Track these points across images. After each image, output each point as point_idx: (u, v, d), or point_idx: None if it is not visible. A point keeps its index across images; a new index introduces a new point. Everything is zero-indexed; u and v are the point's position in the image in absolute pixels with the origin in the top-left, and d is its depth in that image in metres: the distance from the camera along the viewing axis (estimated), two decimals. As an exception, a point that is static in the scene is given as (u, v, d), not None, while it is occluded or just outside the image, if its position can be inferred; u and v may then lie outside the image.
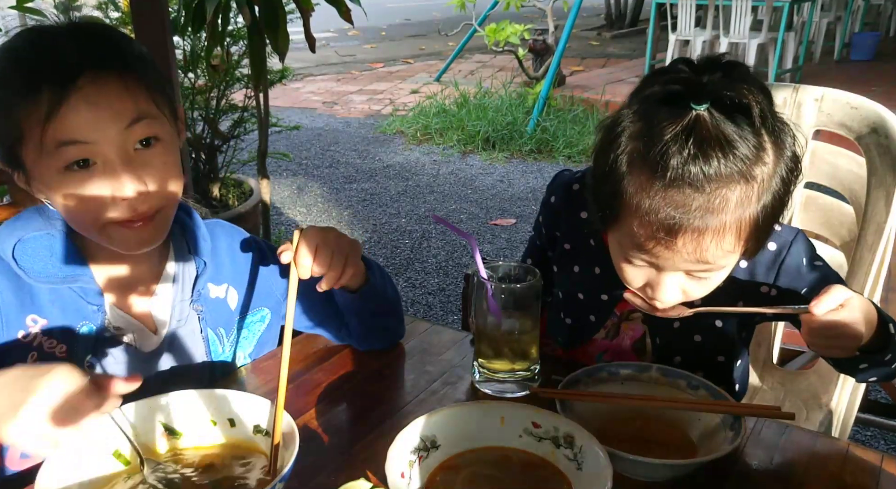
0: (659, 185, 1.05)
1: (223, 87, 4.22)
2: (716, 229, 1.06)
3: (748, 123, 1.05)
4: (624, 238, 1.16)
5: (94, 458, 1.08)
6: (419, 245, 4.62)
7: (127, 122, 1.16)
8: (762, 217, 1.09)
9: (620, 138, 1.11)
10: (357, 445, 1.21)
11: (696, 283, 1.18)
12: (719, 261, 1.12)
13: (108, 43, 1.20)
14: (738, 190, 1.05)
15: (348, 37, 13.66)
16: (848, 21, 9.90)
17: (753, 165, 1.05)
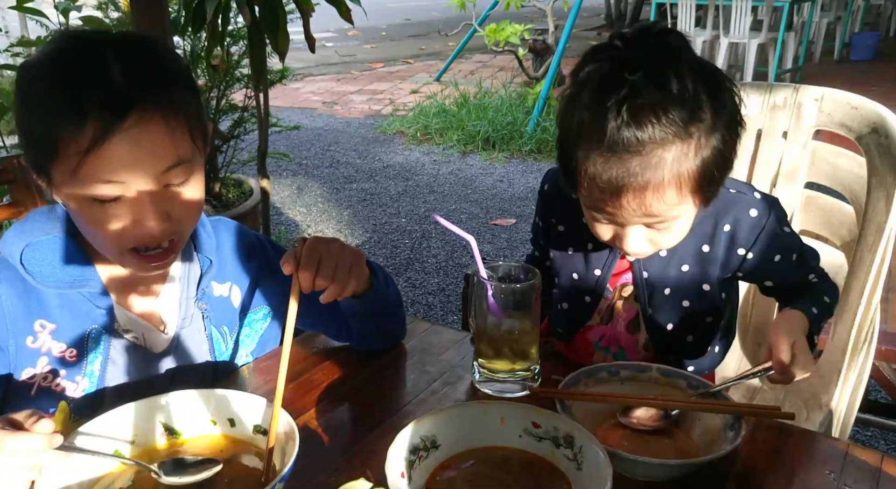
0: (599, 151, 1.15)
1: (223, 87, 4.21)
2: (655, 186, 1.15)
3: (680, 86, 1.12)
4: (583, 199, 1.27)
5: (94, 458, 1.08)
6: (419, 245, 4.62)
7: (165, 167, 1.15)
8: (703, 170, 1.16)
9: (572, 109, 1.21)
10: (357, 445, 1.21)
11: (659, 234, 1.27)
12: (667, 213, 1.20)
13: (158, 73, 1.17)
14: (673, 149, 1.13)
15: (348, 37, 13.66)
16: (848, 21, 9.89)
17: (689, 124, 1.13)
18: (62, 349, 1.27)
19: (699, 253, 1.41)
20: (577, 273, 1.51)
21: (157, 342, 1.35)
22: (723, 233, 1.39)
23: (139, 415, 1.14)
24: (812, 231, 1.82)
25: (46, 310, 1.26)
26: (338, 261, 1.26)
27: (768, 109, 1.81)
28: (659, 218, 1.21)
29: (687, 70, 1.13)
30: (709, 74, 1.17)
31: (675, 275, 1.42)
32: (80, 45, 1.16)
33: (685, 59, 1.15)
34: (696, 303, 1.44)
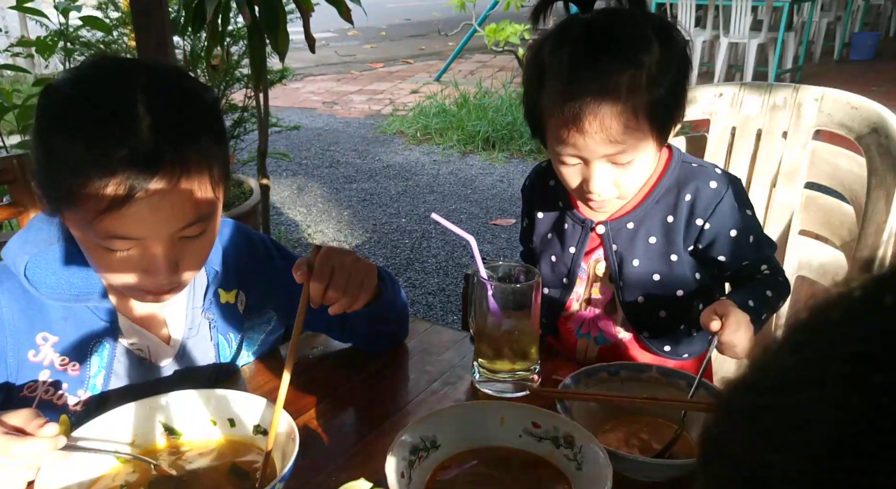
0: (562, 81, 1.27)
1: (223, 86, 4.21)
2: (614, 111, 1.24)
3: (630, 22, 1.29)
4: (552, 139, 1.34)
5: (93, 458, 1.08)
6: (419, 245, 4.62)
7: (184, 225, 1.13)
8: (657, 100, 1.27)
9: (533, 61, 1.34)
10: (357, 445, 1.21)
11: (624, 173, 1.33)
12: (628, 140, 1.28)
13: (187, 124, 1.12)
14: (626, 75, 1.24)
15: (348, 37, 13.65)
16: (848, 21, 9.89)
17: (640, 54, 1.25)
18: (64, 361, 1.26)
19: (664, 224, 1.45)
20: (554, 255, 1.56)
21: (161, 353, 1.34)
22: (684, 202, 1.43)
23: (139, 416, 1.14)
24: (812, 231, 1.82)
25: (49, 322, 1.25)
26: (351, 274, 1.25)
27: (768, 109, 1.81)
28: (621, 146, 1.28)
29: (635, 9, 1.30)
30: (656, 17, 1.34)
31: (642, 247, 1.46)
32: (109, 87, 1.10)
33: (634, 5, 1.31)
34: (666, 275, 1.47)
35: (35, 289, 1.22)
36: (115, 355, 1.29)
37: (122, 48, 4.12)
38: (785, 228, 1.81)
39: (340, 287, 1.23)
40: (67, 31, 3.58)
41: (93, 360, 1.27)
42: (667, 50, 1.28)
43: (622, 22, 1.29)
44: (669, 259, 1.46)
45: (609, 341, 1.54)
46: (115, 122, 1.06)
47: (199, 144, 1.11)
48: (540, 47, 1.34)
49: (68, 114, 1.09)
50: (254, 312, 1.45)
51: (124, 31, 4.09)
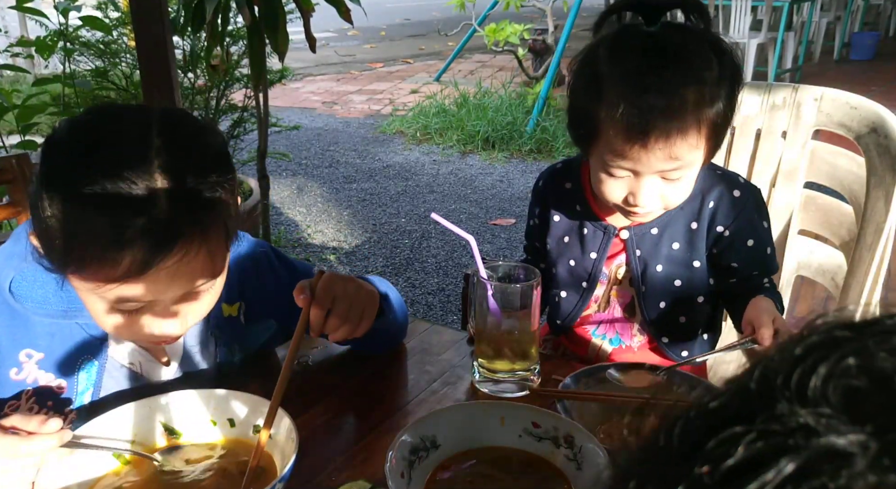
0: (629, 95, 1.24)
1: (223, 87, 4.21)
2: (680, 127, 1.24)
3: (692, 37, 1.29)
4: (605, 151, 1.31)
5: (94, 458, 1.08)
6: (419, 245, 4.62)
7: (193, 287, 1.09)
8: (716, 117, 1.27)
9: (588, 69, 1.32)
10: (357, 445, 1.21)
11: (671, 187, 1.33)
12: (686, 156, 1.27)
13: (204, 186, 1.04)
14: (693, 91, 1.24)
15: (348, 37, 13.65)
16: (847, 21, 9.89)
17: (702, 71, 1.25)
18: (50, 379, 1.22)
19: (688, 230, 1.46)
20: (573, 259, 1.55)
21: (156, 372, 1.32)
22: (707, 209, 1.44)
23: (139, 416, 1.14)
24: (811, 231, 1.82)
25: (34, 337, 1.20)
26: (353, 302, 1.24)
27: (768, 109, 1.81)
28: (678, 163, 1.28)
29: (696, 28, 1.31)
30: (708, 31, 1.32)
31: (666, 253, 1.46)
32: (120, 148, 1.01)
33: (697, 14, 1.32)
34: (688, 281, 1.48)
35: (20, 306, 1.17)
36: (104, 371, 1.25)
37: (121, 48, 4.12)
38: (784, 228, 1.81)
39: (342, 315, 1.22)
40: (67, 31, 3.58)
41: (80, 377, 1.24)
42: (721, 64, 1.27)
43: (685, 36, 1.28)
44: (692, 265, 1.47)
45: (624, 343, 1.55)
46: (131, 190, 0.98)
47: (216, 206, 1.06)
48: (593, 56, 1.32)
49: (77, 177, 0.99)
50: (255, 320, 1.43)
51: (124, 31, 4.09)
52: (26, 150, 2.72)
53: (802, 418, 0.31)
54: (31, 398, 1.21)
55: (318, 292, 1.21)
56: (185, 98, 4.00)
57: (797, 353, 0.34)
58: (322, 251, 4.57)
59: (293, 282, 1.26)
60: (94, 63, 4.11)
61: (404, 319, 1.49)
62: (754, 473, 0.30)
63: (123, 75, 4.10)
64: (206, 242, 1.05)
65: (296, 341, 1.20)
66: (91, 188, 0.98)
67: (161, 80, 2.47)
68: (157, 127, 1.03)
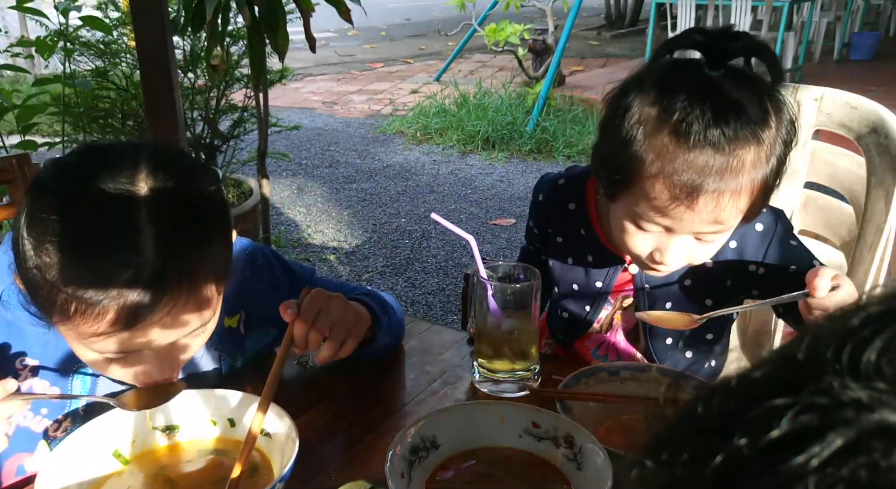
0: (681, 148, 1.10)
1: (223, 87, 4.21)
2: (734, 190, 1.11)
3: (754, 90, 1.12)
4: (639, 203, 1.18)
5: (94, 458, 1.08)
6: (419, 245, 4.62)
7: (181, 335, 1.06)
8: (770, 178, 1.15)
9: (632, 108, 1.15)
10: (357, 445, 1.21)
11: (702, 247, 1.23)
12: (730, 221, 1.17)
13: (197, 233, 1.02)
14: (752, 151, 1.10)
15: (348, 37, 13.65)
16: (847, 21, 9.88)
17: (762, 129, 1.11)
18: (44, 387, 1.20)
19: (701, 267, 1.35)
20: (577, 284, 1.50)
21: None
22: (728, 249, 1.36)
23: (139, 415, 1.14)
24: (812, 231, 1.82)
25: (28, 345, 1.19)
26: (337, 318, 1.24)
27: (768, 109, 1.81)
28: (720, 227, 1.17)
29: (759, 80, 1.15)
30: (766, 83, 1.17)
31: (676, 290, 1.41)
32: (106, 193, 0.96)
33: (765, 61, 1.16)
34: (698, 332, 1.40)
35: (12, 315, 1.15)
36: (99, 378, 1.24)
37: (121, 48, 4.12)
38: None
39: (323, 330, 1.21)
40: (67, 31, 3.58)
41: (75, 384, 1.23)
42: (779, 122, 1.15)
43: (748, 88, 1.12)
44: (704, 302, 1.40)
45: None
46: (116, 239, 0.95)
47: (206, 254, 1.03)
48: (638, 92, 1.16)
49: (60, 228, 0.96)
50: (254, 328, 1.42)
51: (124, 31, 4.09)
52: (26, 150, 2.72)
53: (854, 392, 0.29)
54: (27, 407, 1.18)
55: (303, 307, 1.21)
56: (185, 98, 4.00)
57: (852, 325, 0.32)
58: (322, 251, 4.56)
59: (294, 287, 1.26)
60: (95, 63, 4.11)
61: (400, 331, 1.48)
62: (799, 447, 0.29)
63: (123, 75, 4.10)
64: (195, 293, 1.01)
65: (281, 356, 1.19)
66: (76, 239, 0.95)
67: (161, 80, 2.47)
68: (145, 171, 0.98)
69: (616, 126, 1.17)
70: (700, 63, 1.13)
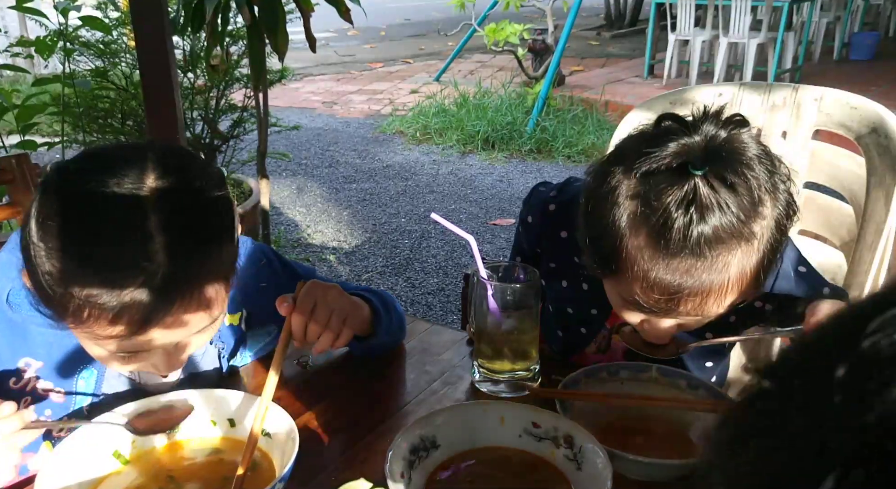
0: (661, 253, 1.04)
1: (222, 87, 4.22)
2: (718, 289, 1.07)
3: (745, 182, 1.03)
4: (623, 291, 1.15)
5: (94, 459, 1.08)
6: (419, 245, 4.62)
7: (191, 333, 1.07)
8: (763, 263, 1.09)
9: (617, 193, 1.08)
10: (357, 445, 1.21)
11: (693, 322, 1.20)
12: (719, 311, 1.13)
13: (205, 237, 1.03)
14: (738, 251, 1.05)
15: (348, 37, 13.65)
16: (847, 21, 9.88)
17: (752, 224, 1.04)
18: (48, 387, 1.21)
19: None
20: (571, 308, 1.48)
21: (156, 380, 1.30)
22: None
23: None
24: (811, 231, 1.82)
25: (32, 346, 1.19)
26: (333, 308, 1.23)
27: (767, 109, 1.81)
28: (707, 318, 1.15)
29: (752, 164, 1.04)
30: (765, 158, 1.08)
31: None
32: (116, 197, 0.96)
33: (749, 149, 1.06)
34: (698, 350, 1.39)
35: (17, 315, 1.16)
36: (103, 379, 1.25)
37: (121, 48, 4.12)
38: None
39: (322, 321, 1.22)
40: (67, 31, 3.58)
41: (79, 385, 1.23)
42: (775, 203, 1.07)
43: (742, 178, 1.03)
44: (704, 336, 1.37)
45: None
46: (128, 245, 0.96)
47: (215, 257, 1.04)
48: (622, 173, 1.09)
49: (71, 231, 0.97)
50: (256, 325, 1.43)
51: (124, 31, 4.09)
52: (26, 150, 2.72)
53: None
54: (31, 408, 1.20)
55: (298, 299, 1.21)
56: (184, 98, 4.00)
57: None
58: (322, 251, 4.57)
59: (294, 286, 1.26)
60: (94, 63, 4.11)
61: (401, 328, 1.48)
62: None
63: (123, 75, 4.11)
64: (205, 294, 1.03)
65: (280, 351, 1.19)
66: (86, 246, 0.97)
67: (161, 80, 2.47)
68: (154, 175, 0.99)
69: (601, 208, 1.11)
70: (684, 161, 1.03)
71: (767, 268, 1.10)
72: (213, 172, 1.08)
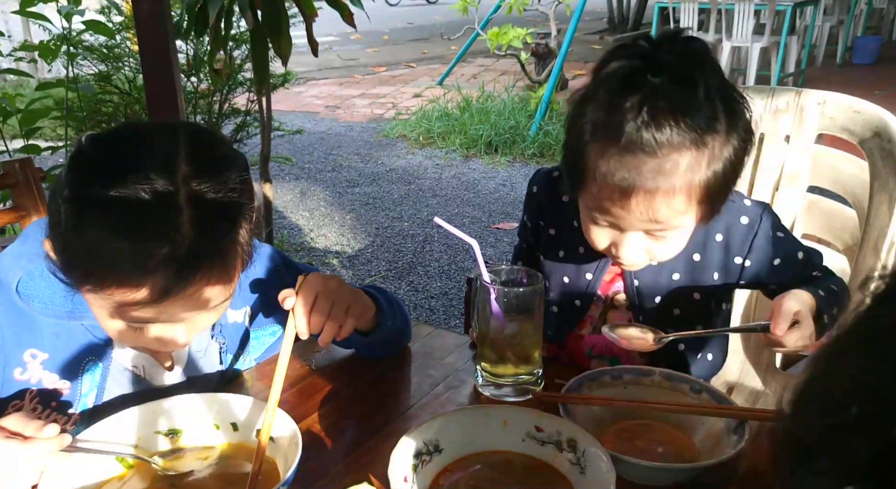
0: (615, 150, 1.15)
1: (226, 91, 4.23)
2: (666, 191, 1.15)
3: (703, 94, 1.14)
4: (588, 200, 1.26)
5: (96, 463, 1.08)
6: (422, 248, 4.62)
7: (206, 308, 1.10)
8: (713, 182, 1.17)
9: (586, 109, 1.20)
10: (360, 449, 1.21)
11: (658, 244, 1.27)
12: (671, 221, 1.21)
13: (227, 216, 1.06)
14: (688, 155, 1.14)
15: (351, 41, 13.66)
16: (850, 25, 9.88)
17: (705, 134, 1.14)
18: (54, 380, 1.22)
19: (689, 261, 1.41)
20: (567, 277, 1.51)
21: (160, 377, 1.32)
22: (714, 242, 1.40)
23: (142, 420, 1.14)
24: (814, 235, 1.82)
25: (39, 338, 1.20)
26: (335, 299, 1.24)
27: (771, 113, 1.81)
28: (661, 225, 1.21)
29: (709, 78, 1.15)
30: (726, 86, 1.19)
31: (665, 284, 1.43)
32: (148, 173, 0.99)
33: (708, 66, 1.17)
34: (687, 311, 1.44)
35: (27, 305, 1.17)
36: (108, 373, 1.26)
37: (124, 52, 4.13)
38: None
39: (324, 311, 1.22)
40: (70, 36, 3.59)
41: (84, 378, 1.24)
42: (732, 124, 1.17)
43: (694, 92, 1.14)
44: (692, 296, 1.43)
45: (623, 364, 1.51)
46: (157, 215, 0.99)
47: (236, 234, 1.08)
48: (591, 97, 1.21)
49: (105, 200, 0.99)
50: (259, 324, 1.44)
51: (127, 35, 4.10)
52: (29, 155, 2.72)
53: None
54: (35, 398, 1.21)
55: (300, 292, 1.22)
56: (188, 102, 4.01)
57: None
58: (325, 255, 4.57)
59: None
60: (98, 67, 4.12)
61: (405, 324, 1.49)
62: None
63: (126, 79, 4.12)
64: (225, 271, 1.07)
65: (285, 351, 1.19)
66: (117, 214, 0.99)
67: (164, 84, 2.47)
68: (184, 151, 1.03)
69: (574, 122, 1.24)
70: (644, 70, 1.15)
71: (719, 191, 1.19)
72: (239, 155, 1.13)
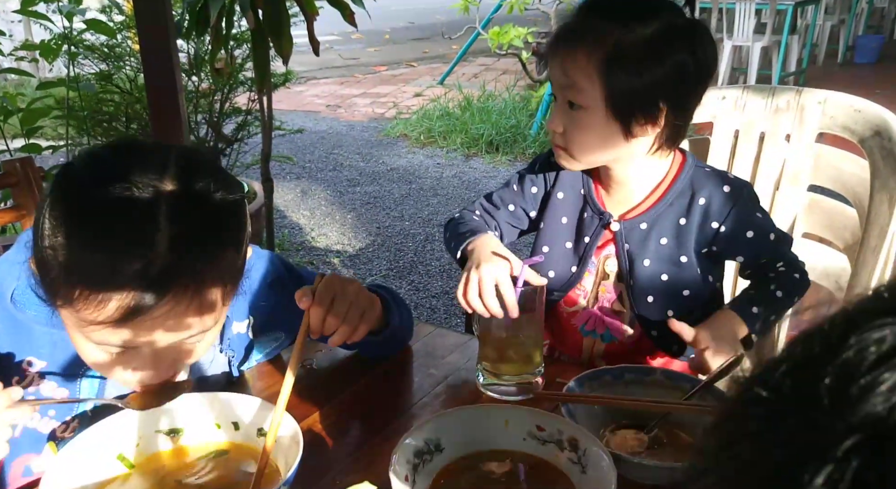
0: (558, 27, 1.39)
1: (227, 90, 4.22)
2: (580, 47, 1.33)
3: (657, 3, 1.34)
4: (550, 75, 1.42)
5: (98, 462, 1.08)
6: (423, 248, 4.62)
7: (186, 336, 1.06)
8: (618, 63, 1.30)
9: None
10: (361, 448, 1.21)
11: (572, 122, 1.39)
12: (577, 78, 1.34)
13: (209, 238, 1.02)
14: (609, 29, 1.30)
15: (352, 40, 13.64)
16: (852, 24, 9.87)
17: (635, 21, 1.30)
18: (52, 388, 1.20)
19: (676, 226, 1.47)
20: (570, 241, 1.56)
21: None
22: (698, 206, 1.46)
23: (143, 419, 1.14)
24: (815, 234, 1.82)
25: (36, 346, 1.19)
26: (352, 303, 1.24)
27: (771, 112, 1.81)
28: (569, 81, 1.35)
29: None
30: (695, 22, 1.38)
31: (654, 248, 1.48)
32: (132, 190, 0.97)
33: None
34: (675, 275, 1.49)
35: (21, 314, 1.16)
36: (107, 382, 1.23)
37: (125, 51, 4.13)
38: (788, 231, 1.81)
39: (340, 314, 1.22)
40: (71, 35, 3.59)
41: (83, 385, 1.22)
42: (671, 41, 1.30)
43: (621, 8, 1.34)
44: (679, 261, 1.48)
45: (616, 339, 1.54)
46: (132, 232, 0.97)
47: (218, 261, 1.03)
48: None
49: (82, 211, 0.99)
50: (263, 332, 1.42)
51: (128, 34, 4.10)
52: (30, 154, 2.72)
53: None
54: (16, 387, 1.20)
55: (318, 292, 1.21)
56: (189, 101, 4.01)
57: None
58: (326, 254, 4.57)
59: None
60: (99, 66, 4.12)
61: (409, 324, 1.49)
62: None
63: (127, 79, 4.12)
64: (200, 296, 1.02)
65: (299, 346, 1.20)
66: (93, 224, 0.98)
67: (165, 83, 2.48)
68: (172, 172, 1.00)
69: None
70: None
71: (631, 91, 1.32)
72: (233, 182, 1.09)
